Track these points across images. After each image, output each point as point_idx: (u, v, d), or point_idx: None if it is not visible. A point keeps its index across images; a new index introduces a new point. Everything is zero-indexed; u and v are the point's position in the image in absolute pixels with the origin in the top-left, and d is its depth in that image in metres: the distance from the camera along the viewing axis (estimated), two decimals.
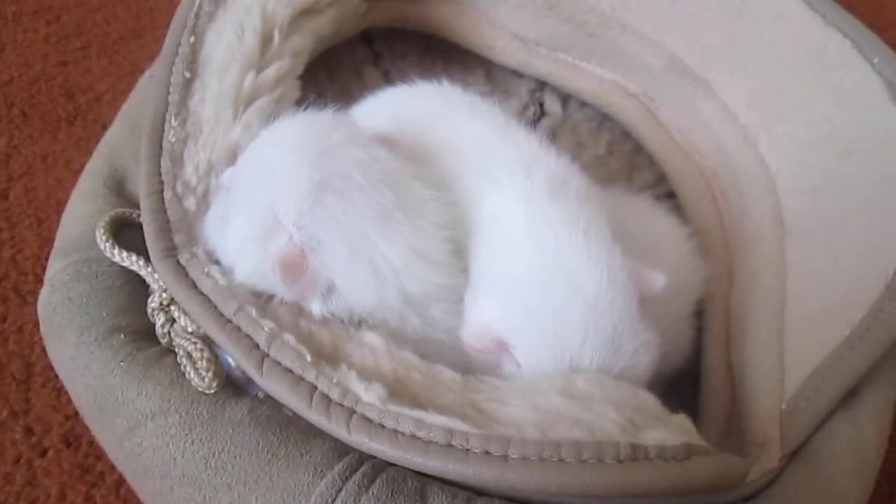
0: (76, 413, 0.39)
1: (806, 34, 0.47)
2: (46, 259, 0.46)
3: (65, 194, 0.49)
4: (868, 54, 0.45)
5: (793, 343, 0.35)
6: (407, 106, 0.40)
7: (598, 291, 0.30)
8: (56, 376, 0.40)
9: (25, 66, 0.58)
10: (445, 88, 0.41)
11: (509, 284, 0.31)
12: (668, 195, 0.51)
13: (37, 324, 0.43)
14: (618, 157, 0.54)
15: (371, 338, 0.30)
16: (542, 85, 0.57)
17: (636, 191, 0.52)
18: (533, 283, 0.30)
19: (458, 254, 0.33)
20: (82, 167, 0.50)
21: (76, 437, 0.40)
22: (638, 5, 0.50)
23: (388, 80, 0.57)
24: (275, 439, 0.29)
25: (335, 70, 0.55)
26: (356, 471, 0.28)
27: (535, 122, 0.56)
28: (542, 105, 0.57)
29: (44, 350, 0.41)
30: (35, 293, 0.45)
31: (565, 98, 0.56)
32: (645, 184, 0.53)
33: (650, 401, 0.28)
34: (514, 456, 0.25)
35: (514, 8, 0.53)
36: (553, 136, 0.55)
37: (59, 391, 0.41)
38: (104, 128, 0.54)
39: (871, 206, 0.38)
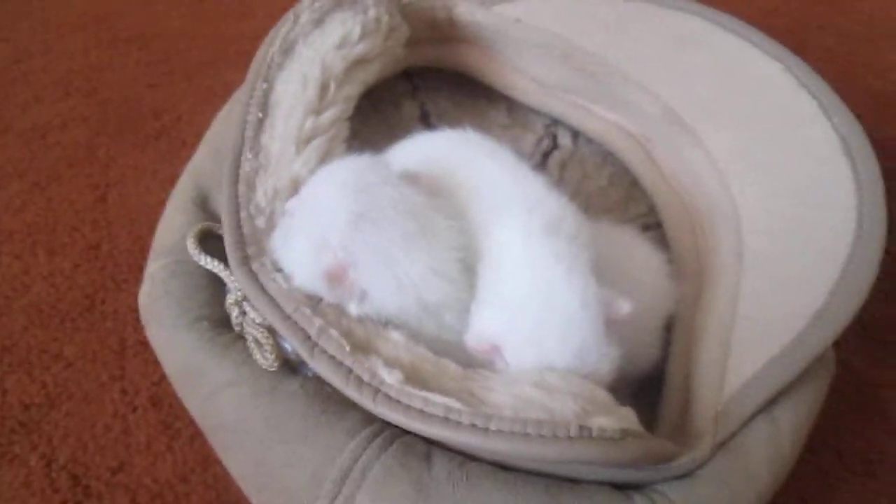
0: (161, 380, 0.49)
1: (780, 95, 0.55)
2: (138, 254, 0.56)
3: (152, 200, 0.60)
4: (830, 113, 0.53)
5: (734, 358, 0.43)
6: (436, 149, 0.49)
7: (572, 313, 0.38)
8: (145, 349, 0.50)
9: (120, 86, 0.69)
10: (469, 135, 0.49)
11: (505, 301, 0.39)
12: (657, 224, 0.59)
13: (130, 307, 0.53)
14: (617, 188, 0.62)
15: (395, 335, 0.39)
16: (556, 121, 0.65)
17: (631, 218, 0.61)
18: (523, 302, 0.39)
19: (468, 272, 0.42)
20: (167, 178, 0.60)
21: (160, 398, 0.49)
22: (640, 61, 0.58)
23: (422, 110, 0.66)
24: (318, 408, 0.39)
25: (377, 101, 0.64)
26: (379, 435, 0.37)
27: (548, 154, 0.64)
28: (555, 138, 0.65)
29: (134, 328, 0.52)
30: (128, 282, 0.56)
31: (575, 133, 0.65)
32: (639, 213, 0.61)
33: (603, 396, 0.37)
34: (493, 429, 0.34)
35: (534, 57, 0.61)
36: (563, 167, 0.64)
37: (147, 362, 0.51)
38: (184, 144, 0.65)
39: (812, 247, 0.46)
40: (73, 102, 0.66)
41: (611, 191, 0.62)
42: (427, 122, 0.65)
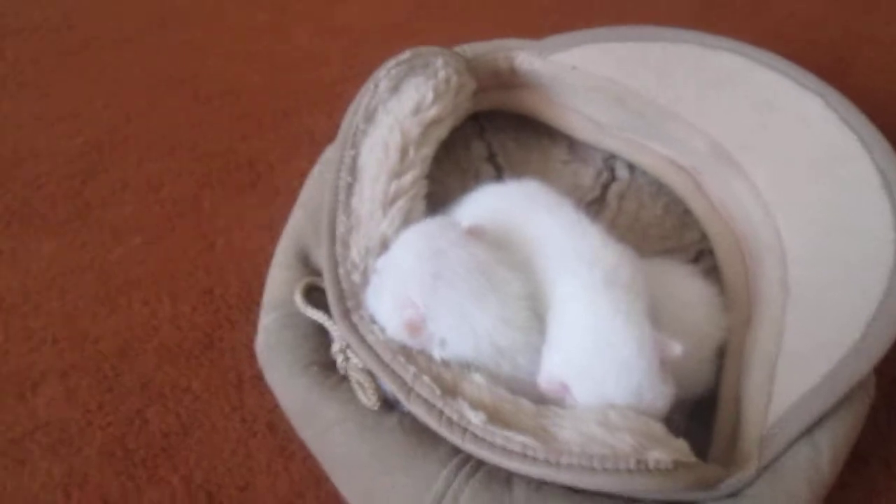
0: (275, 407, 0.57)
1: (822, 130, 0.59)
2: (246, 296, 0.64)
3: (253, 245, 0.68)
4: (870, 148, 0.56)
5: (778, 386, 0.48)
6: (501, 203, 0.55)
7: (630, 358, 0.44)
8: (260, 382, 0.58)
9: (216, 140, 0.77)
10: (531, 188, 0.56)
11: (571, 347, 0.46)
12: (710, 251, 0.64)
13: (243, 344, 0.61)
14: (672, 217, 0.67)
15: (477, 378, 0.46)
16: (612, 155, 0.70)
17: (686, 244, 0.66)
18: (587, 347, 0.45)
19: (537, 318, 0.48)
20: (264, 224, 0.68)
21: (275, 425, 0.57)
22: (686, 100, 0.63)
23: (489, 150, 0.72)
24: (415, 440, 0.46)
25: (449, 144, 0.70)
26: (466, 463, 0.44)
27: (607, 186, 0.70)
28: (613, 171, 0.70)
29: (249, 363, 0.60)
30: (240, 322, 0.64)
31: (632, 166, 0.70)
32: (693, 240, 0.66)
33: (658, 430, 0.43)
34: (564, 463, 0.40)
35: (589, 100, 0.66)
36: (622, 197, 0.69)
37: (263, 393, 0.58)
38: (277, 192, 0.72)
39: (852, 279, 0.51)
40: (178, 157, 0.75)
41: (666, 219, 0.67)
42: (494, 161, 0.70)
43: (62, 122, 0.80)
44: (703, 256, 0.64)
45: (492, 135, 0.72)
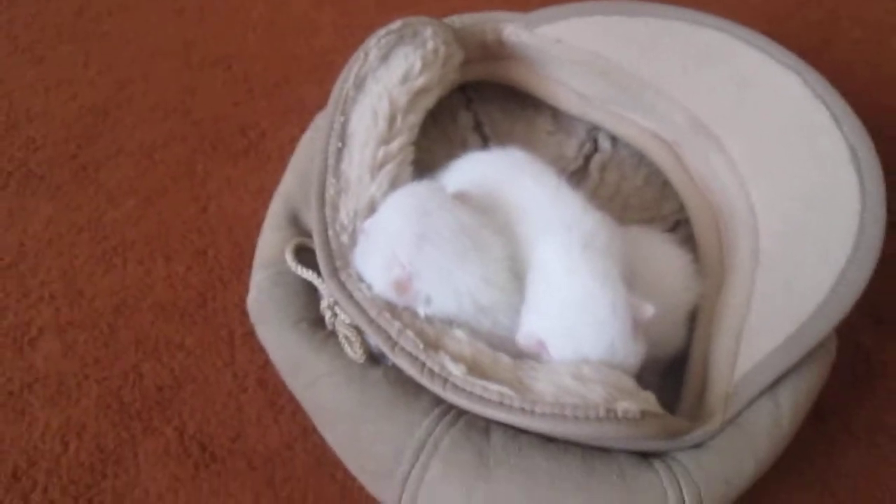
0: (265, 364, 0.59)
1: (797, 106, 0.61)
2: (238, 258, 0.67)
3: (245, 209, 0.70)
4: (841, 123, 0.59)
5: (744, 347, 0.51)
6: (485, 169, 0.57)
7: (604, 317, 0.46)
8: (251, 339, 0.61)
9: (210, 107, 0.78)
10: (515, 155, 0.58)
11: (550, 307, 0.48)
12: (687, 220, 0.66)
13: (235, 304, 0.64)
14: (652, 187, 0.69)
15: (459, 333, 0.48)
16: (595, 127, 0.72)
17: (665, 214, 0.68)
18: (564, 307, 0.47)
19: (517, 279, 0.51)
20: (256, 189, 0.70)
21: (266, 380, 0.60)
22: (669, 75, 0.65)
23: (476, 120, 0.74)
24: (399, 391, 0.48)
25: (436, 113, 0.72)
26: (447, 413, 0.47)
27: (590, 157, 0.72)
28: (596, 142, 0.72)
29: (241, 321, 0.62)
30: (232, 282, 0.66)
31: (614, 138, 0.72)
32: (671, 210, 0.68)
33: (627, 383, 0.46)
34: (538, 412, 0.43)
35: (574, 72, 0.68)
36: (604, 168, 0.71)
37: (253, 350, 0.61)
38: (269, 158, 0.74)
39: (818, 248, 0.53)
40: (171, 123, 0.76)
41: (646, 190, 0.69)
42: (480, 131, 0.72)
43: (58, 87, 0.81)
44: (680, 226, 0.67)
45: (479, 105, 0.74)
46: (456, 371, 0.45)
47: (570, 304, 0.48)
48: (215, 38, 0.86)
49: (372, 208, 0.54)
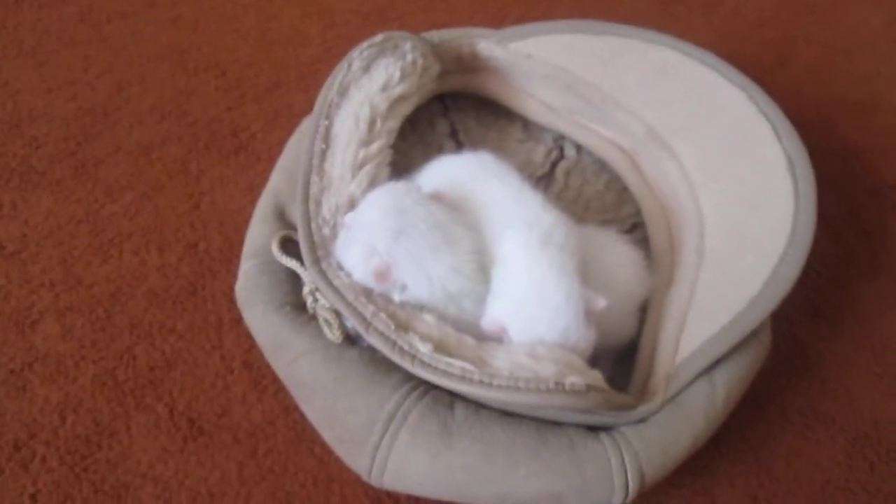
0: (251, 348, 0.64)
1: (742, 119, 0.67)
2: (227, 250, 0.71)
3: (235, 206, 0.75)
4: (780, 135, 0.65)
5: (685, 334, 0.56)
6: (457, 171, 0.62)
7: (559, 305, 0.51)
8: (237, 325, 0.65)
9: (203, 110, 0.83)
10: (483, 159, 0.63)
11: (511, 295, 0.53)
12: (643, 223, 0.72)
13: (223, 292, 0.68)
14: (611, 192, 0.75)
15: (427, 317, 0.53)
16: (561, 136, 0.78)
17: (623, 217, 0.74)
18: (524, 296, 0.52)
19: (482, 270, 0.56)
20: (246, 187, 0.75)
21: (251, 363, 0.64)
22: (627, 88, 0.71)
23: (452, 128, 0.79)
24: (372, 369, 0.53)
25: (415, 120, 0.77)
26: (416, 389, 0.52)
27: (556, 163, 0.77)
28: (562, 150, 0.78)
29: (228, 308, 0.67)
30: (221, 273, 0.71)
31: (579, 146, 0.77)
32: (629, 213, 0.73)
33: (577, 361, 0.51)
34: (495, 384, 0.48)
35: (542, 85, 0.74)
36: (568, 174, 0.77)
37: (240, 335, 0.65)
38: (259, 159, 0.79)
39: (755, 246, 0.59)
40: (167, 124, 0.81)
41: (606, 194, 0.75)
42: (456, 138, 0.78)
43: (59, 89, 0.85)
44: (637, 228, 0.72)
45: (455, 114, 0.79)
46: (423, 349, 0.50)
47: (529, 293, 0.53)
48: (209, 45, 0.91)
49: (352, 204, 0.59)
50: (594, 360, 0.54)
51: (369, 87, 0.65)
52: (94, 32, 0.92)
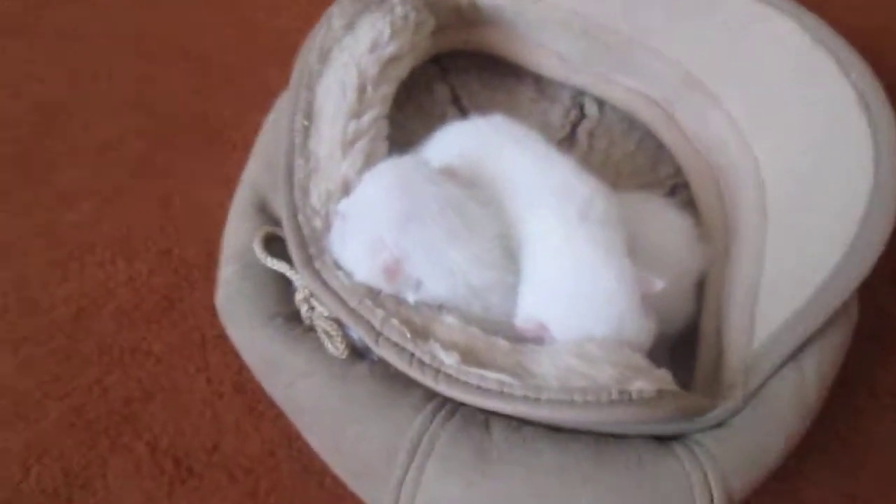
0: (241, 368, 0.55)
1: (797, 53, 0.56)
2: (205, 255, 0.62)
3: (211, 202, 0.65)
4: (846, 68, 0.54)
5: (760, 313, 0.47)
6: (467, 140, 0.52)
7: (611, 292, 0.43)
8: (224, 342, 0.55)
9: (170, 96, 0.73)
10: (497, 123, 0.53)
11: (549, 284, 0.44)
12: (685, 184, 0.63)
13: (204, 304, 0.59)
14: (644, 152, 0.65)
15: (449, 319, 0.44)
16: (580, 92, 0.68)
17: (661, 179, 0.64)
18: (566, 284, 0.43)
19: (510, 256, 0.46)
20: (221, 180, 0.65)
21: (243, 385, 0.55)
22: (656, 28, 0.61)
23: (453, 93, 0.69)
24: (386, 387, 0.43)
25: (410, 87, 0.67)
26: (442, 408, 0.42)
27: (577, 124, 0.68)
28: (582, 108, 0.68)
29: (212, 323, 0.57)
30: (200, 281, 0.61)
31: (601, 102, 0.67)
32: (667, 174, 0.64)
33: (639, 361, 0.41)
34: (543, 399, 0.38)
35: (554, 34, 0.64)
36: (591, 135, 0.67)
37: (227, 353, 0.56)
38: (234, 147, 0.69)
39: (831, 202, 0.49)
40: (127, 118, 0.71)
41: (638, 155, 0.65)
42: (458, 104, 0.68)
43: (2, 86, 0.75)
44: (678, 190, 0.63)
45: (455, 77, 0.70)
46: (449, 360, 0.41)
47: (571, 280, 0.44)
48: (170, 25, 0.81)
49: (346, 189, 0.49)
50: (647, 354, 0.44)
51: (355, 47, 0.55)
52: (40, 20, 0.82)
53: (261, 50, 0.78)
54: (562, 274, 0.44)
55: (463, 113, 0.67)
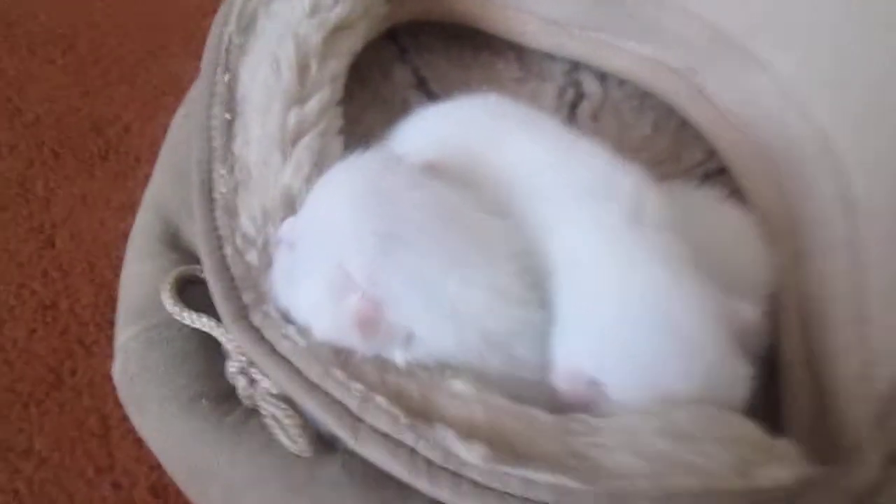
0: (160, 463, 0.40)
1: None
2: (104, 306, 0.47)
3: (110, 235, 0.50)
4: None
5: (880, 339, 0.34)
6: (452, 127, 0.39)
7: (694, 330, 0.30)
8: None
9: (49, 101, 0.58)
10: (491, 102, 0.39)
11: (599, 324, 0.31)
12: (718, 171, 0.50)
13: (106, 375, 0.43)
14: (664, 135, 0.53)
15: (459, 386, 0.30)
16: (576, 64, 0.55)
17: (687, 168, 0.52)
18: (625, 322, 0.30)
19: (535, 286, 0.32)
20: (123, 204, 0.50)
21: (163, 487, 0.40)
22: None
23: (417, 76, 0.55)
24: (375, 496, 0.29)
25: (364, 73, 0.54)
26: None
27: (575, 105, 0.55)
28: (579, 86, 0.55)
29: (117, 402, 0.42)
30: (99, 343, 0.46)
31: (602, 76, 0.55)
32: (694, 161, 0.52)
33: (752, 429, 0.28)
34: None
35: None
36: (595, 119, 0.54)
37: (140, 442, 0.41)
38: (138, 161, 0.55)
39: None
40: None
41: (656, 139, 0.53)
42: (425, 88, 0.55)
43: None
44: (711, 180, 0.50)
45: (416, 55, 0.56)
46: (470, 457, 0.27)
47: (629, 314, 0.31)
48: (48, 9, 0.64)
49: (289, 205, 0.36)
50: None
51: (289, 12, 0.41)
52: None
53: (167, 38, 0.64)
54: (615, 306, 0.31)
55: (431, 99, 0.54)
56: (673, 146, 0.52)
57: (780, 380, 0.39)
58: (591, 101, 0.54)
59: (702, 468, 0.26)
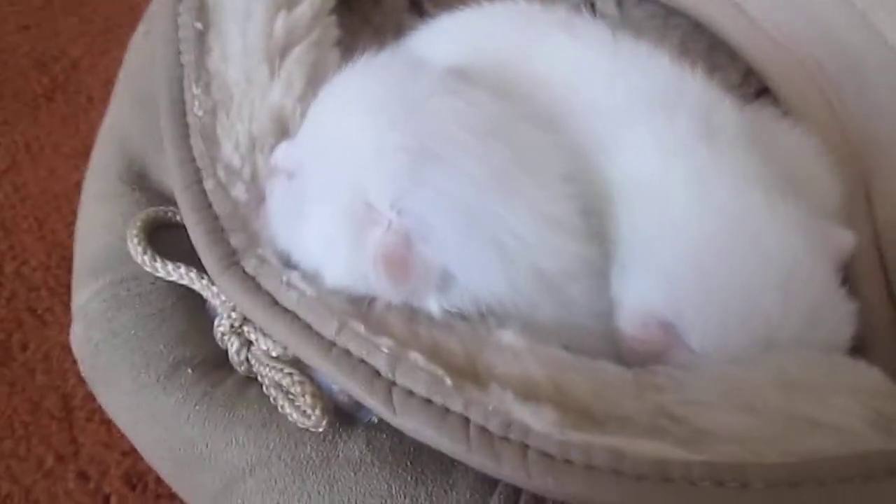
0: (133, 449, 0.34)
1: None
2: (57, 268, 0.40)
3: (61, 187, 0.44)
4: None
5: None
6: (478, 32, 0.33)
7: (794, 259, 0.25)
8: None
9: None
10: (524, 7, 0.34)
11: (674, 258, 0.26)
12: (755, 94, 0.45)
13: (64, 347, 0.37)
14: (692, 56, 0.47)
15: (508, 337, 0.24)
16: None
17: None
18: (706, 254, 0.26)
19: (588, 214, 0.27)
20: (75, 151, 0.44)
21: (139, 474, 0.35)
22: None
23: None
24: (408, 477, 0.24)
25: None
26: (516, 502, 0.23)
27: None
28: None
29: (80, 377, 0.36)
30: (53, 311, 0.40)
31: None
32: (729, 84, 0.46)
33: (881, 377, 0.23)
34: (757, 486, 0.19)
35: None
36: None
37: (109, 423, 0.36)
38: (90, 100, 0.48)
39: None
40: None
41: (684, 61, 0.47)
42: (419, 8, 0.49)
43: None
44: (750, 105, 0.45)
45: None
46: (539, 425, 0.21)
47: (715, 248, 0.26)
48: None
49: (282, 128, 0.30)
50: None
51: None
52: None
53: None
54: (694, 235, 0.26)
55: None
56: (704, 67, 0.47)
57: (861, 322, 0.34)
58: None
59: (832, 424, 0.20)
